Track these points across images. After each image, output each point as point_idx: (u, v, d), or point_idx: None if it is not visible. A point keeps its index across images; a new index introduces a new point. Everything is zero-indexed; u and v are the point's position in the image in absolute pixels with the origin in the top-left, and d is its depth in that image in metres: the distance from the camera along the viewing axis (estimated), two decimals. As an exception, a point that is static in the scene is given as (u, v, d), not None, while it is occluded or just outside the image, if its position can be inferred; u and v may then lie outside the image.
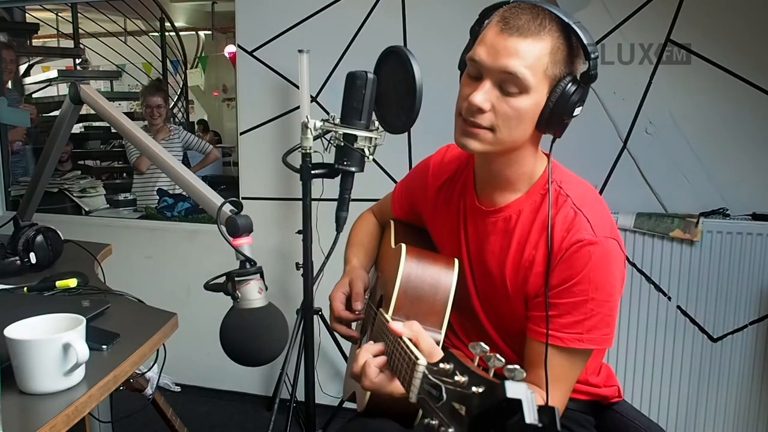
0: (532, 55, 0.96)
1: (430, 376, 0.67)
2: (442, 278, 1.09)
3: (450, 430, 0.59)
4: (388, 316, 1.02)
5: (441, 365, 0.65)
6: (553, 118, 0.99)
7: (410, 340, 0.83)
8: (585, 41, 0.96)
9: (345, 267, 1.33)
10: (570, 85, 0.98)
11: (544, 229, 1.04)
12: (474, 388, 0.58)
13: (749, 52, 2.03)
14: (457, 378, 0.61)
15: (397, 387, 0.91)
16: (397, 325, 0.87)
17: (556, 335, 1.00)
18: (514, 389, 0.52)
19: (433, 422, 0.62)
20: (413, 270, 1.09)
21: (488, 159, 1.08)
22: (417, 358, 0.75)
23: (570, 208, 1.04)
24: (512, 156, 1.06)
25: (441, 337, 1.05)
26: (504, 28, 0.97)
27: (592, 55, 0.97)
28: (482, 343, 0.64)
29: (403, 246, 1.12)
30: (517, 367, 0.56)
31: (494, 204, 1.11)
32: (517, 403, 0.51)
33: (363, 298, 1.22)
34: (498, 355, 0.62)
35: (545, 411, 0.52)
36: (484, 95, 0.98)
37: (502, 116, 0.99)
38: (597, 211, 1.05)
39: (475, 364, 0.63)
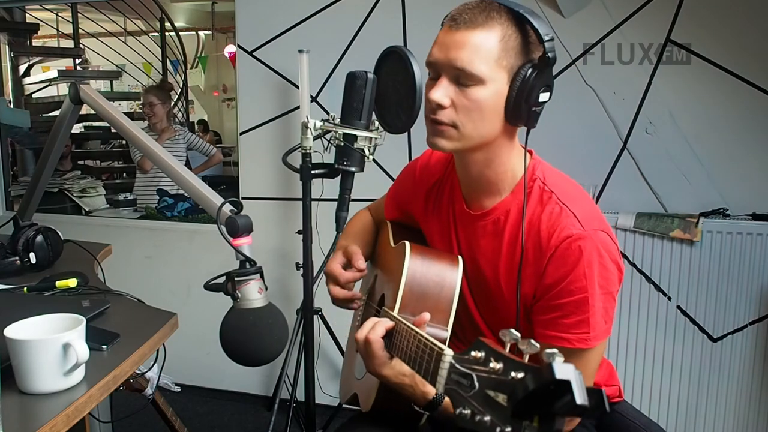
0: (481, 45, 0.97)
1: (458, 366, 0.66)
2: (447, 275, 1.09)
3: (486, 418, 0.58)
4: (394, 314, 1.02)
5: (472, 353, 0.64)
6: (519, 108, 1.00)
7: None
8: (536, 25, 0.97)
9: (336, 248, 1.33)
10: (529, 71, 0.99)
11: (532, 227, 1.04)
12: (513, 374, 0.56)
13: (749, 52, 2.03)
14: (492, 365, 0.60)
15: (399, 369, 0.97)
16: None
17: (563, 337, 0.99)
18: (563, 370, 0.51)
19: (466, 411, 0.61)
20: (418, 267, 1.09)
21: (464, 160, 1.08)
22: (442, 350, 0.74)
23: (555, 203, 1.03)
24: (488, 155, 1.06)
25: (447, 334, 1.04)
26: (452, 24, 1.00)
27: (545, 38, 0.97)
28: (513, 330, 0.63)
29: (407, 243, 1.12)
30: (555, 350, 0.53)
31: (482, 207, 1.11)
32: (567, 384, 0.50)
33: (362, 258, 1.23)
34: (532, 340, 0.60)
35: (593, 393, 0.51)
36: (442, 91, 1.00)
37: (463, 110, 1.00)
38: (583, 205, 1.04)
39: (507, 350, 0.61)
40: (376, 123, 1.34)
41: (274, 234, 2.60)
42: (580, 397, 0.50)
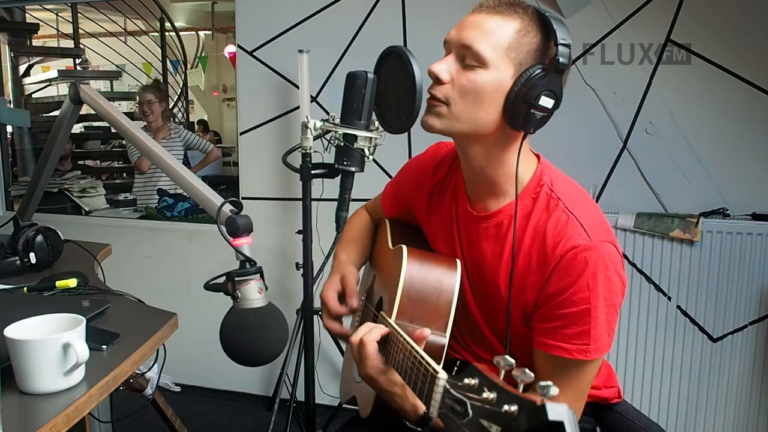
0: (494, 30, 0.98)
1: (452, 391, 0.64)
2: (445, 280, 1.07)
3: None
4: (391, 320, 1.01)
5: (465, 380, 0.62)
6: (518, 105, 0.97)
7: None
8: (555, 27, 0.96)
9: (333, 262, 1.33)
10: (537, 71, 0.98)
11: (537, 234, 1.02)
12: (506, 407, 0.56)
13: (749, 52, 2.03)
14: (485, 395, 0.59)
15: (391, 378, 0.95)
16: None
17: (562, 346, 0.98)
18: (555, 411, 0.51)
19: None
20: (416, 272, 1.07)
21: (463, 152, 1.08)
22: (436, 372, 0.73)
23: (562, 211, 1.01)
24: (486, 150, 1.04)
25: (446, 340, 1.03)
26: (476, 9, 1.02)
27: (561, 41, 0.96)
28: (507, 357, 0.62)
29: (404, 248, 1.11)
30: (550, 383, 0.53)
31: (486, 209, 1.09)
32: (560, 426, 0.50)
33: (357, 294, 1.22)
34: (527, 370, 0.59)
35: None
36: (444, 65, 1.01)
37: (459, 88, 1.00)
38: (590, 214, 1.03)
39: (501, 378, 0.60)
40: (376, 123, 1.34)
41: (274, 234, 2.60)
42: None
